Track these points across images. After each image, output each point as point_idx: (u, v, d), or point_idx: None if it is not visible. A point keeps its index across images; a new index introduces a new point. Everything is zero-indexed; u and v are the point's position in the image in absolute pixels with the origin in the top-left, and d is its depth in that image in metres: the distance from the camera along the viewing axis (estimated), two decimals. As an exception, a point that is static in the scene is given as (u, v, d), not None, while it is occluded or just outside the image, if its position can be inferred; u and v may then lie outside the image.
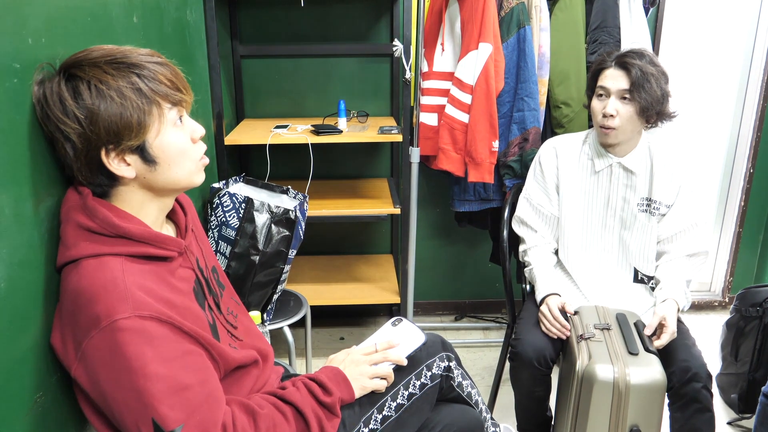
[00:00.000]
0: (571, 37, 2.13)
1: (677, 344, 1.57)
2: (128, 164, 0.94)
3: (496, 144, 2.11)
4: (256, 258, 1.83)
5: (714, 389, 1.57)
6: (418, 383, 1.21)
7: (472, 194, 2.31)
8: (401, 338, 1.22)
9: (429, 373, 1.23)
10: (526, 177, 1.91)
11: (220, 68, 2.11)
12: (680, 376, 1.52)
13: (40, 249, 0.93)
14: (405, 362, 1.18)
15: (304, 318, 2.04)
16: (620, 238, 1.78)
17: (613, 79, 1.65)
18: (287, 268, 1.91)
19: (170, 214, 1.10)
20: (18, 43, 0.88)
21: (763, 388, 1.61)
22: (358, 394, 1.12)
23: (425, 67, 2.25)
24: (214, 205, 1.90)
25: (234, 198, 1.87)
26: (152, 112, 0.92)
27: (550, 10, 2.12)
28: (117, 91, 0.89)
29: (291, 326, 1.94)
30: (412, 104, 2.16)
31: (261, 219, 1.84)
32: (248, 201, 1.85)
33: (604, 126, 1.68)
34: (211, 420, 0.91)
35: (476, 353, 2.56)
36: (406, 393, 1.19)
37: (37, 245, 0.92)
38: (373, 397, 1.15)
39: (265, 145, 2.14)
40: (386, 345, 1.19)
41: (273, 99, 2.55)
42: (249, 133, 2.25)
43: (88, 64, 0.90)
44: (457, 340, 2.61)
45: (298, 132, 2.22)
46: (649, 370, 1.46)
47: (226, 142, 2.15)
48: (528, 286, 1.90)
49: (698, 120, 2.71)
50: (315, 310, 2.32)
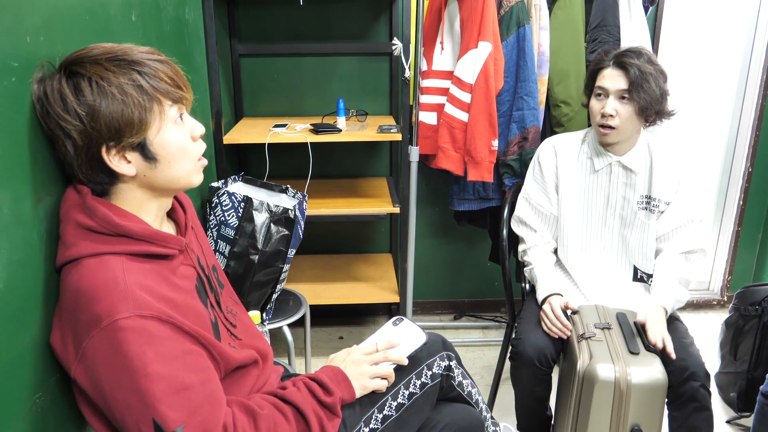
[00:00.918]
0: (571, 36, 2.12)
1: (675, 343, 1.57)
2: (129, 162, 0.93)
3: (495, 143, 2.11)
4: (256, 257, 1.82)
5: (713, 388, 1.57)
6: (418, 382, 1.21)
7: (471, 193, 2.30)
8: (402, 338, 1.21)
9: (429, 373, 1.23)
10: (525, 176, 1.91)
11: (218, 67, 2.10)
12: (678, 374, 1.52)
13: (39, 248, 0.92)
14: (406, 362, 1.18)
15: (303, 317, 2.03)
16: (621, 237, 1.78)
17: (612, 79, 1.65)
18: (286, 267, 1.91)
19: (170, 212, 1.09)
20: (16, 41, 0.87)
21: (761, 388, 1.61)
22: (358, 393, 1.11)
23: (424, 66, 2.25)
24: (213, 205, 1.89)
25: (233, 197, 1.87)
26: (153, 109, 0.92)
27: (550, 8, 2.12)
28: (118, 87, 0.89)
29: (290, 326, 1.94)
30: (411, 103, 2.16)
31: (260, 218, 1.83)
32: (247, 200, 1.84)
33: (603, 126, 1.68)
34: (212, 420, 0.91)
35: (475, 352, 2.56)
36: (407, 392, 1.19)
37: (36, 245, 0.92)
38: (373, 397, 1.15)
39: (264, 144, 2.13)
40: (387, 344, 1.19)
41: (272, 98, 2.54)
42: (248, 132, 2.25)
43: (88, 62, 0.90)
44: (457, 339, 2.61)
45: (297, 131, 2.22)
46: (650, 370, 1.46)
47: (225, 141, 2.14)
48: (528, 286, 1.90)
49: (697, 119, 2.71)
50: (314, 309, 2.31)
